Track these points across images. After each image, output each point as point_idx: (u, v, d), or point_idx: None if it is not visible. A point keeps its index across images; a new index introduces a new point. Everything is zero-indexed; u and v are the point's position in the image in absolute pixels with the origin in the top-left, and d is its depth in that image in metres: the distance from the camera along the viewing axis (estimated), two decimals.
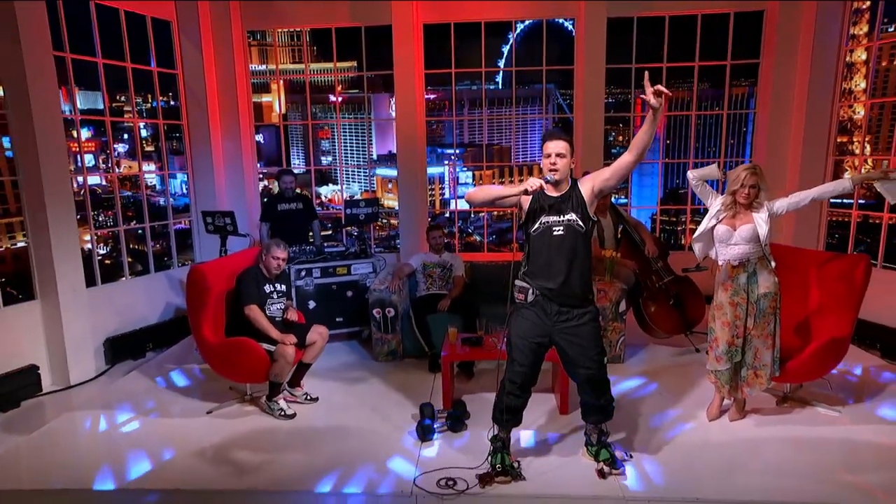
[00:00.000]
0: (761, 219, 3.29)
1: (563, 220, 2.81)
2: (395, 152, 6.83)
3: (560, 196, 2.83)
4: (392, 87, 6.62)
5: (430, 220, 6.68)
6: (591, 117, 6.45)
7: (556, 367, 3.87)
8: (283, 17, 6.65)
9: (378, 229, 12.80)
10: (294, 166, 10.65)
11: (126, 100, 6.12)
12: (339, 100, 8.23)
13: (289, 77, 9.25)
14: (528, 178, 2.73)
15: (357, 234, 5.68)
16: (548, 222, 2.82)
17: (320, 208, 6.87)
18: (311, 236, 5.80)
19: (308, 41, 7.17)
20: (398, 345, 4.86)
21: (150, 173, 7.84)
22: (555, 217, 2.81)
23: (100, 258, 5.41)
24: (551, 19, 6.77)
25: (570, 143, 2.84)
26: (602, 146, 6.57)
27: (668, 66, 6.57)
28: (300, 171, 6.61)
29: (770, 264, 3.36)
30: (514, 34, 7.05)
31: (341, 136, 7.79)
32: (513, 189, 2.79)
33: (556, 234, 2.81)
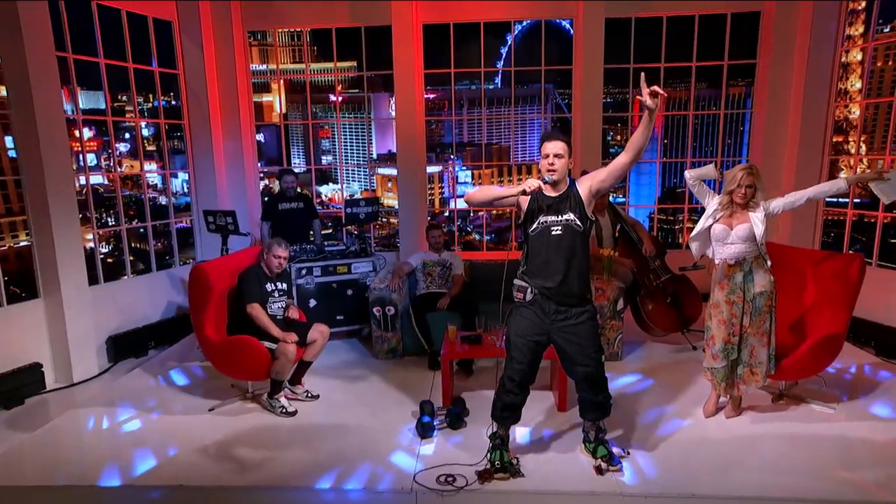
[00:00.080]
0: (758, 218, 3.31)
1: (561, 220, 2.82)
2: (395, 151, 6.86)
3: (558, 196, 2.85)
4: (392, 87, 6.63)
5: (429, 219, 6.70)
6: (589, 117, 6.47)
7: (554, 365, 3.88)
8: (283, 18, 6.66)
9: (378, 228, 12.82)
10: (294, 165, 10.66)
11: (128, 99, 6.15)
12: (340, 99, 8.24)
13: (289, 77, 9.27)
14: (527, 177, 2.75)
15: (357, 233, 5.69)
16: (546, 222, 2.84)
17: (320, 207, 6.88)
18: (312, 235, 5.81)
19: (308, 41, 7.20)
20: (398, 343, 4.87)
21: (152, 172, 7.86)
22: (553, 217, 2.83)
23: (102, 257, 5.44)
24: (550, 20, 6.79)
25: (567, 144, 2.85)
26: (600, 146, 6.59)
27: (665, 66, 6.59)
28: (301, 171, 6.61)
29: (766, 263, 3.39)
30: (513, 34, 7.07)
31: (341, 135, 7.80)
32: (511, 190, 2.81)
33: (555, 233, 2.82)
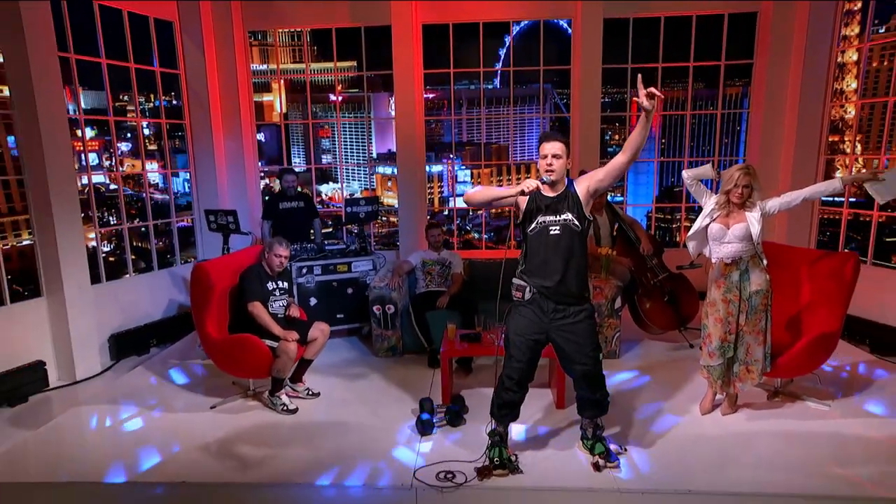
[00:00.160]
0: (754, 218, 3.33)
1: (559, 220, 2.84)
2: (395, 151, 6.88)
3: (556, 196, 2.87)
4: (391, 87, 6.66)
5: (429, 218, 6.72)
6: (587, 116, 6.50)
7: (552, 363, 3.90)
8: (283, 18, 6.68)
9: (378, 227, 12.84)
10: (295, 165, 10.67)
11: (129, 99, 6.17)
12: (340, 99, 8.26)
13: (289, 77, 9.29)
14: (526, 176, 2.77)
15: (357, 232, 5.71)
16: (544, 222, 2.86)
17: (321, 206, 6.90)
18: (313, 234, 5.84)
19: (308, 41, 7.22)
20: (398, 341, 4.89)
21: (153, 172, 7.88)
22: (551, 217, 2.85)
23: (104, 256, 5.46)
24: (548, 20, 6.82)
25: (566, 145, 2.87)
26: (598, 145, 6.62)
27: (663, 66, 6.62)
28: (301, 170, 6.64)
29: (762, 262, 3.42)
30: (512, 35, 7.10)
31: (341, 134, 7.82)
32: (510, 190, 2.83)
33: (553, 233, 2.84)
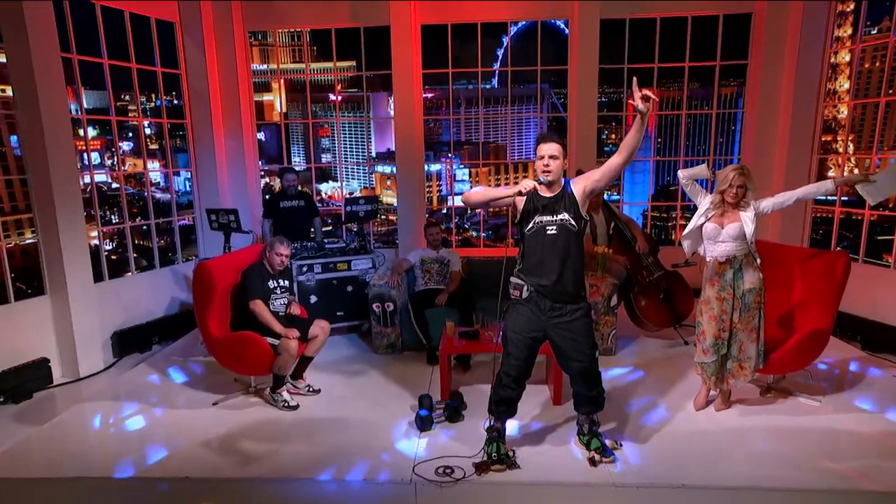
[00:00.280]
0: (748, 217, 3.38)
1: (556, 220, 2.88)
2: (394, 150, 6.92)
3: (553, 196, 2.90)
4: (391, 86, 6.68)
5: (427, 217, 6.76)
6: (584, 116, 6.54)
7: (549, 360, 3.94)
8: (283, 18, 6.71)
9: (377, 226, 12.87)
10: (295, 164, 10.72)
11: (131, 99, 6.21)
12: (339, 99, 8.28)
13: (289, 76, 9.33)
14: (523, 174, 2.81)
15: (357, 231, 5.73)
16: (541, 222, 2.90)
17: (321, 205, 6.94)
18: (313, 233, 5.87)
19: (308, 41, 7.25)
20: (397, 338, 4.93)
21: (155, 171, 7.92)
22: (548, 217, 2.89)
23: (106, 254, 5.50)
24: (546, 20, 6.85)
25: (562, 146, 2.91)
26: (595, 144, 6.65)
27: (659, 66, 6.66)
28: (301, 169, 6.67)
29: (756, 261, 3.46)
30: (510, 35, 7.14)
31: (341, 134, 7.87)
32: (508, 190, 2.86)
33: (550, 233, 2.88)
